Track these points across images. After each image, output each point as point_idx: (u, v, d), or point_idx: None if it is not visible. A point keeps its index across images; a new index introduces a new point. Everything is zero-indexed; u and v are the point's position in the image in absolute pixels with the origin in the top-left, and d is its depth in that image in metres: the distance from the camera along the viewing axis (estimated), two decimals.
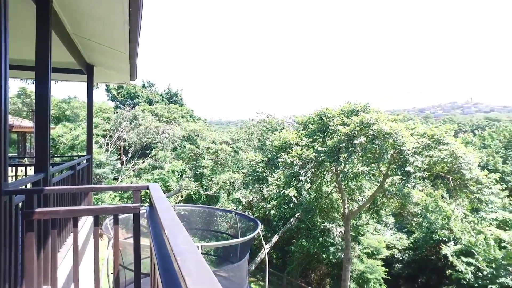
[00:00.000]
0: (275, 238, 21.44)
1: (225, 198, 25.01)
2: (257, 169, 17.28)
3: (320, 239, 19.46)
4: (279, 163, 14.92)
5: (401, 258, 21.26)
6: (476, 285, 15.19)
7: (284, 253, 23.35)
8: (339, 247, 19.11)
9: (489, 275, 14.84)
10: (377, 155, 13.31)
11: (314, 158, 13.64)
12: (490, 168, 21.27)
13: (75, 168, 5.21)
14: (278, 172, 15.37)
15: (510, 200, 19.73)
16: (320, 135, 14.63)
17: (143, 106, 37.11)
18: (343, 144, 13.26)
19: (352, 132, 13.07)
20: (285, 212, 18.55)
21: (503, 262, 14.72)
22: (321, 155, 13.48)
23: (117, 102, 40.87)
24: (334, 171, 15.73)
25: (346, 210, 16.62)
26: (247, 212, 20.93)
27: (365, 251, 19.65)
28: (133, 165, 27.84)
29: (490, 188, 12.79)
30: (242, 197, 22.10)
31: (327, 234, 19.24)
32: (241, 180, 22.59)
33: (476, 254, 15.93)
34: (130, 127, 29.38)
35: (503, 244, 15.52)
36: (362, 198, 17.45)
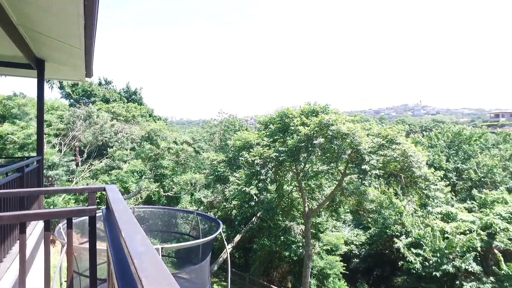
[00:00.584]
0: (237, 238, 21.47)
1: (186, 199, 24.64)
2: (219, 169, 17.23)
3: (282, 237, 19.80)
4: (241, 163, 14.99)
5: (358, 253, 22.21)
6: (423, 273, 16.29)
7: (247, 253, 23.47)
8: (300, 245, 19.58)
9: (434, 264, 15.99)
10: (336, 154, 13.80)
11: (275, 157, 13.87)
12: (436, 166, 22.94)
13: (23, 170, 4.87)
14: (239, 171, 15.42)
15: (452, 195, 21.47)
16: (281, 135, 14.89)
17: (100, 105, 35.47)
18: (303, 144, 13.62)
19: (312, 132, 13.45)
20: (247, 211, 18.65)
21: (446, 251, 15.94)
22: (282, 155, 13.74)
23: (71, 100, 38.68)
24: (295, 170, 16.09)
25: (307, 209, 17.05)
26: (209, 213, 20.78)
27: (324, 247, 20.28)
28: (89, 166, 26.51)
29: (436, 184, 13.81)
30: (203, 197, 21.89)
31: (288, 232, 19.62)
32: (203, 180, 22.38)
33: (424, 245, 17.07)
34: (85, 125, 27.95)
35: (446, 235, 16.79)
36: (322, 197, 18.02)
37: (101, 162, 26.74)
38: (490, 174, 23.02)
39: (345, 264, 20.35)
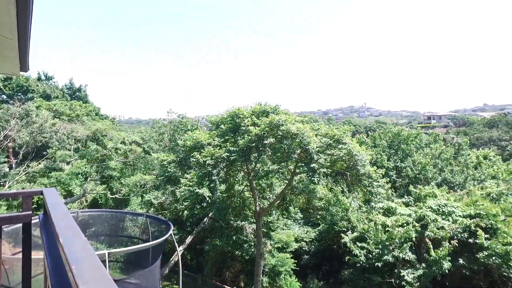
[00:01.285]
0: (189, 239, 21.17)
1: (136, 201, 23.74)
2: (169, 170, 16.83)
3: (234, 237, 19.89)
4: (192, 163, 14.80)
5: (308, 249, 22.97)
6: (367, 265, 17.31)
7: (199, 254, 23.23)
8: (252, 244, 19.81)
9: (377, 255, 17.08)
10: (286, 154, 14.19)
11: (226, 157, 13.90)
12: (378, 164, 24.54)
13: None
14: (190, 172, 15.22)
15: (392, 191, 23.16)
16: (232, 135, 14.96)
17: (39, 102, 32.81)
18: (254, 144, 13.82)
19: (262, 132, 13.69)
20: (199, 212, 18.47)
21: (386, 243, 17.11)
22: (233, 155, 13.81)
23: (3, 96, 35.36)
24: (246, 170, 16.25)
25: (258, 208, 17.31)
26: (159, 215, 20.21)
27: (276, 245, 20.73)
28: (25, 168, 24.39)
29: (378, 181, 14.82)
30: (153, 199, 21.27)
31: (240, 232, 19.77)
32: (153, 181, 21.75)
33: (367, 239, 18.15)
34: (21, 124, 25.66)
35: (387, 229, 18.02)
36: (273, 196, 18.42)
37: (39, 164, 24.75)
38: (423, 171, 25.19)
39: (296, 261, 20.96)
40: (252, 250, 19.58)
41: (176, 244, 12.21)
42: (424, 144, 30.10)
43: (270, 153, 14.42)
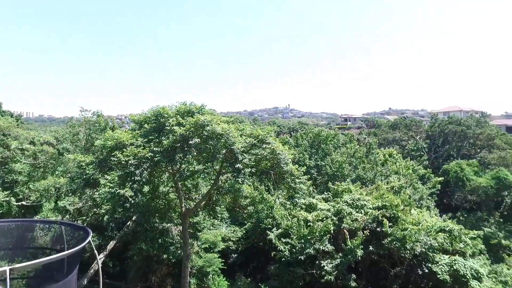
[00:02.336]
0: (110, 245, 19.92)
1: (48, 207, 21.52)
2: (87, 172, 15.63)
3: (159, 240, 19.30)
4: (113, 163, 14.00)
5: (235, 248, 23.30)
6: (291, 259, 18.27)
7: (122, 260, 22.01)
8: (179, 246, 19.44)
9: (299, 249, 18.15)
10: (211, 154, 14.25)
11: (150, 158, 13.45)
12: (300, 163, 26.12)
13: None
14: (111, 173, 14.37)
15: (313, 188, 24.85)
16: (156, 135, 14.52)
17: None
18: (179, 145, 13.62)
19: (188, 132, 13.56)
20: (121, 216, 17.54)
21: (308, 237, 18.30)
22: (157, 155, 13.43)
23: None
24: (171, 171, 15.92)
25: (184, 209, 17.08)
26: (76, 221, 18.68)
27: (203, 246, 20.64)
28: None
29: (300, 179, 15.78)
30: (69, 204, 19.56)
31: (165, 234, 19.27)
32: (69, 185, 20.01)
33: (291, 234, 19.16)
34: None
35: (308, 223, 19.27)
36: (199, 196, 18.33)
37: None
38: (341, 169, 27.54)
39: (224, 260, 21.12)
40: (179, 252, 19.22)
41: (95, 251, 11.37)
42: (341, 143, 32.86)
43: (195, 153, 14.33)
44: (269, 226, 21.15)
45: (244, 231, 23.22)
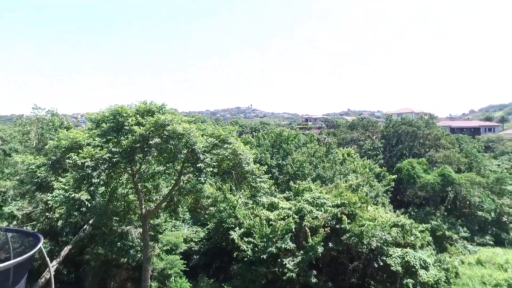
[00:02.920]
0: (65, 251, 18.91)
1: None
2: (39, 174, 14.71)
3: (118, 243, 18.63)
4: (68, 165, 13.29)
5: (198, 249, 23.07)
6: (254, 258, 18.44)
7: (78, 266, 20.96)
8: (139, 249, 18.90)
9: (262, 248, 18.39)
10: (172, 154, 14.03)
11: (108, 159, 12.94)
12: (262, 162, 26.44)
13: None
14: (66, 175, 13.63)
15: (275, 187, 25.24)
16: (115, 134, 14.01)
17: None
18: (139, 145, 13.26)
19: (148, 132, 13.25)
20: (77, 220, 16.69)
21: (270, 236, 18.59)
22: (116, 156, 12.97)
23: None
24: (130, 172, 15.44)
25: (144, 211, 16.64)
26: (25, 227, 17.49)
27: (164, 248, 20.22)
28: None
29: (261, 178, 16.00)
30: (17, 210, 18.30)
31: (125, 237, 18.64)
32: (16, 188, 18.71)
33: (254, 233, 19.34)
34: None
35: (270, 222, 19.56)
36: (160, 197, 17.94)
37: None
38: (301, 168, 28.22)
39: (186, 262, 20.84)
40: (139, 255, 18.68)
41: (47, 258, 10.78)
42: (302, 143, 33.66)
43: (156, 153, 14.04)
44: (231, 226, 21.18)
45: (207, 232, 23.06)
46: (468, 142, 59.54)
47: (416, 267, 18.40)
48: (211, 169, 14.23)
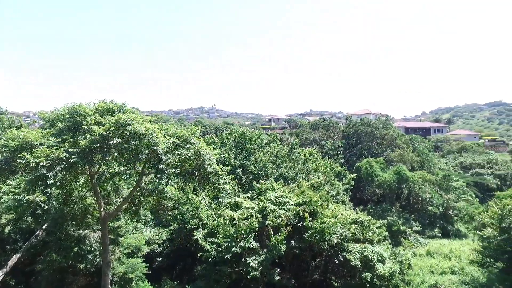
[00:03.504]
0: (13, 260, 17.64)
1: None
2: None
3: (75, 248, 17.76)
4: (19, 166, 12.51)
5: (160, 251, 22.61)
6: (218, 258, 18.43)
7: (29, 276, 19.68)
8: (98, 253, 18.17)
9: (226, 248, 18.43)
10: (133, 155, 13.70)
11: (64, 159, 12.35)
12: (226, 163, 26.48)
13: None
14: (16, 177, 12.82)
15: (239, 187, 25.37)
16: (71, 134, 13.40)
17: None
18: (98, 145, 12.79)
19: (108, 132, 12.82)
20: (28, 225, 15.72)
21: (234, 235, 18.69)
22: (73, 156, 12.41)
23: None
24: (88, 173, 14.85)
25: (103, 213, 16.07)
26: None
27: (125, 251, 19.60)
28: None
29: (224, 179, 16.05)
30: None
31: (82, 241, 17.82)
32: None
33: (217, 234, 19.33)
34: None
35: (234, 222, 19.66)
36: (120, 199, 17.40)
37: None
38: (264, 168, 28.57)
39: (148, 264, 20.35)
40: (98, 260, 17.95)
41: None
42: (265, 143, 34.06)
43: (116, 154, 13.61)
44: (195, 227, 21.01)
45: (170, 233, 22.67)
46: (420, 142, 63.53)
47: (374, 261, 19.36)
48: (173, 170, 14.07)
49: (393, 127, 62.72)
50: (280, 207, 20.30)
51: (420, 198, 39.10)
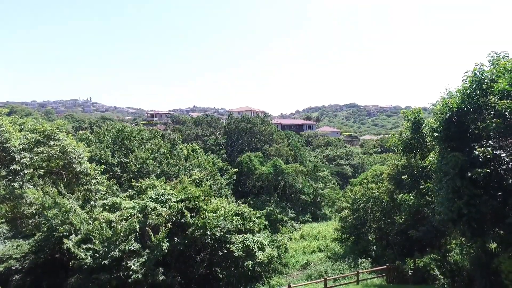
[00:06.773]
0: None
1: None
2: None
3: None
4: None
5: (20, 267, 19.31)
6: (94, 265, 16.85)
7: None
8: None
9: (103, 253, 17.01)
10: None
11: None
12: (102, 161, 24.25)
13: None
14: None
15: (117, 187, 23.57)
16: None
17: None
18: None
19: None
20: None
21: (112, 239, 17.41)
22: None
23: None
24: None
25: None
26: None
27: None
28: None
29: (97, 178, 14.78)
30: None
31: None
32: None
33: (93, 238, 17.66)
34: None
35: (112, 224, 18.29)
36: None
37: None
38: (145, 165, 27.34)
39: (2, 286, 17.16)
40: None
41: None
42: (145, 139, 32.55)
43: None
44: (66, 234, 18.67)
45: (33, 244, 19.52)
46: (294, 138, 70.62)
47: (255, 250, 20.87)
48: (32, 170, 12.27)
49: (271, 123, 67.78)
50: (162, 204, 19.81)
51: (294, 188, 43.63)
